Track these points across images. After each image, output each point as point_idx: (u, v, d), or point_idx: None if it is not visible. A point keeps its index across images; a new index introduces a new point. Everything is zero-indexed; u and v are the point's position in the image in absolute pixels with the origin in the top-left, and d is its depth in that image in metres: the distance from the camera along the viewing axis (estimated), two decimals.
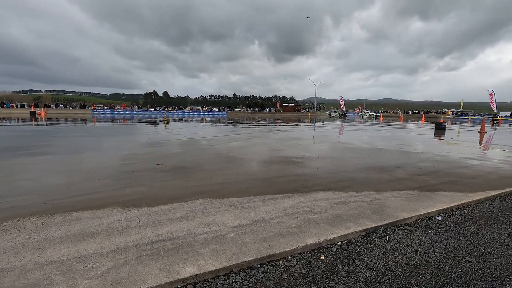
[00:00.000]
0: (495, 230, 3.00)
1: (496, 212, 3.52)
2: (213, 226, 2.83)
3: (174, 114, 50.38)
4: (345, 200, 3.71)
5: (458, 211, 3.53)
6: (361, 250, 2.54)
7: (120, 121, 25.24)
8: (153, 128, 17.60)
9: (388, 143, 10.75)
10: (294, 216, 3.14)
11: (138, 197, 3.76)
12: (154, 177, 4.87)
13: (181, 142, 10.04)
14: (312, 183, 4.60)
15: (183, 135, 12.82)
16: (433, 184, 4.62)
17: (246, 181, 4.67)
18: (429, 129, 19.15)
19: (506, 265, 2.32)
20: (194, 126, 19.54)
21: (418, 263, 2.33)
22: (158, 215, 3.13)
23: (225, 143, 9.96)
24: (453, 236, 2.84)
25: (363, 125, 23.79)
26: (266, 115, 55.64)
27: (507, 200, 4.00)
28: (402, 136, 14.15)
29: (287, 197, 3.84)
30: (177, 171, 5.41)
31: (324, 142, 10.71)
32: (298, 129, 18.38)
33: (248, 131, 15.57)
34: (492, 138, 13.58)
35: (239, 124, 23.43)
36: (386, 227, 3.00)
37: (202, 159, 6.72)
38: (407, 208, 3.44)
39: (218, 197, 3.81)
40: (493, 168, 6.03)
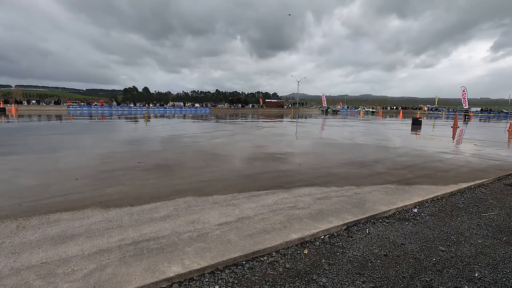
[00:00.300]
0: (465, 221, 3.19)
1: (467, 203, 3.74)
2: (198, 224, 2.83)
3: (155, 110, 49.24)
4: (327, 195, 3.81)
5: (432, 203, 3.71)
6: (343, 243, 2.63)
7: (98, 118, 24.38)
8: (133, 125, 17.14)
9: (368, 138, 11.07)
10: (278, 212, 3.19)
11: (120, 197, 3.68)
12: (136, 176, 4.77)
13: (163, 139, 9.86)
14: (295, 179, 4.68)
15: (165, 132, 12.58)
16: (410, 178, 4.83)
17: (230, 178, 4.67)
18: (406, 125, 19.88)
19: (475, 253, 2.48)
20: (176, 123, 19.22)
21: (396, 254, 2.45)
22: (141, 214, 3.08)
23: (208, 139, 9.89)
24: (428, 227, 3.00)
25: (344, 121, 24.34)
26: (249, 111, 55.61)
27: (476, 191, 4.25)
28: (381, 131, 14.61)
29: (271, 193, 3.88)
30: (160, 169, 5.32)
31: (306, 138, 10.87)
32: (281, 125, 18.51)
33: (231, 128, 15.52)
34: (464, 133, 14.32)
35: (222, 120, 23.28)
36: (366, 220, 3.11)
37: (185, 156, 6.64)
38: (386, 202, 3.58)
39: (202, 195, 3.80)
40: (464, 162, 6.37)
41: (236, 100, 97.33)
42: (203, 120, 23.05)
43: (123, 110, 47.94)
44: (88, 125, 17.02)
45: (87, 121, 19.94)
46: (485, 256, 2.42)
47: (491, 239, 2.75)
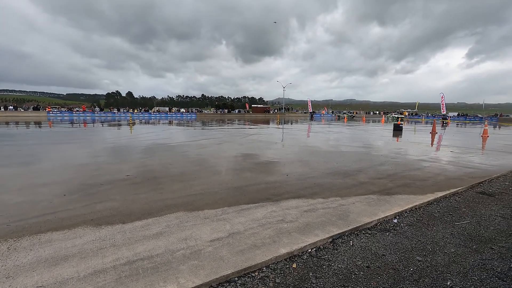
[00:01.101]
0: (440, 230, 3.44)
1: (442, 212, 4.02)
2: (190, 241, 2.93)
3: (139, 116, 48.50)
4: (313, 208, 3.99)
5: (411, 213, 3.96)
6: (329, 256, 2.79)
7: (80, 125, 23.81)
8: (118, 133, 16.88)
9: (351, 145, 11.44)
10: (267, 226, 3.33)
11: (110, 214, 3.71)
12: (125, 190, 4.79)
13: (149, 149, 9.82)
14: (283, 191, 4.84)
15: (151, 140, 12.50)
16: (391, 188, 5.10)
17: (220, 191, 4.78)
18: (388, 130, 20.57)
19: (449, 262, 2.71)
20: (162, 130, 19.08)
21: (377, 265, 2.64)
22: (134, 232, 3.15)
23: (196, 149, 9.94)
24: (406, 238, 3.22)
25: (329, 127, 24.89)
26: (236, 116, 55.75)
27: (451, 200, 4.56)
28: (364, 137, 15.09)
29: (260, 206, 4.02)
30: (149, 182, 5.35)
31: (293, 146, 11.11)
32: (267, 131, 18.74)
33: (218, 135, 15.59)
34: (442, 139, 15.01)
35: (209, 126, 23.29)
36: (350, 232, 3.31)
37: (173, 167, 6.69)
38: (368, 213, 3.80)
39: (193, 209, 3.89)
40: (441, 170, 6.75)
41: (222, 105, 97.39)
42: (189, 127, 22.97)
43: (107, 116, 46.97)
44: (70, 133, 16.61)
45: (69, 129, 19.44)
46: (457, 265, 2.65)
47: (462, 248, 2.99)
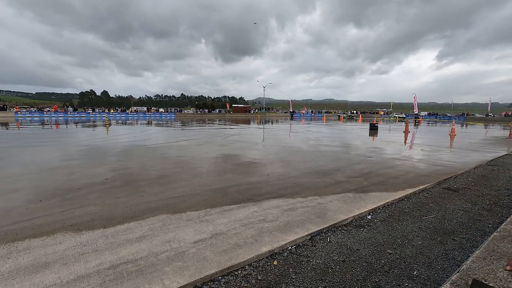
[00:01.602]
0: (409, 224, 3.72)
1: (412, 208, 4.32)
2: (174, 243, 2.98)
3: (116, 116, 47.01)
4: (293, 207, 4.15)
5: (384, 209, 4.23)
6: (307, 253, 2.96)
7: (52, 126, 22.74)
8: (94, 134, 16.33)
9: (330, 144, 11.81)
10: (249, 226, 3.45)
11: (91, 218, 3.68)
12: (105, 194, 4.73)
13: (128, 151, 9.63)
14: (264, 191, 4.98)
15: (130, 142, 12.24)
16: (366, 186, 5.38)
17: (202, 193, 4.84)
18: (364, 130, 21.36)
19: (416, 254, 2.96)
20: (140, 131, 18.66)
21: (352, 259, 2.83)
22: (116, 236, 3.15)
23: (176, 150, 9.87)
24: (379, 232, 3.46)
25: (308, 126, 25.42)
26: (216, 116, 55.42)
27: (420, 196, 4.90)
28: (342, 137, 15.60)
29: (242, 207, 4.13)
30: (129, 185, 5.30)
31: (273, 146, 11.30)
32: (248, 131, 18.86)
33: (199, 135, 15.50)
34: (414, 138, 15.81)
35: (189, 127, 23.05)
36: (328, 229, 3.49)
37: (153, 170, 6.64)
38: (344, 210, 4.02)
39: (176, 212, 3.93)
40: (412, 167, 7.18)
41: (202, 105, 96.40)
42: (169, 127, 22.62)
43: (81, 116, 45.12)
44: (41, 134, 15.86)
45: (40, 130, 18.53)
46: (423, 256, 2.90)
47: (428, 240, 3.26)
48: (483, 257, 1.09)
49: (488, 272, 1.00)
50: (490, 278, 0.95)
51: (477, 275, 0.98)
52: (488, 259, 1.08)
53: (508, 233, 1.31)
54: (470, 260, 1.08)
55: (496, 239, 1.26)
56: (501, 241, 1.23)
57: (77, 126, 23.05)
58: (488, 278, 0.95)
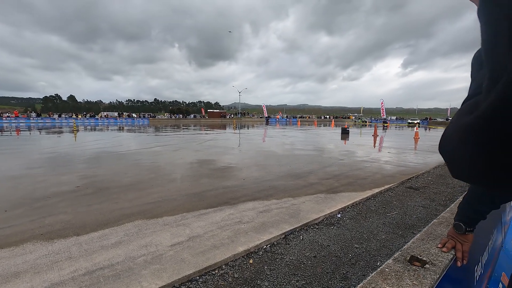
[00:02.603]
0: (375, 221, 4.01)
1: (377, 206, 4.65)
2: (151, 247, 3.01)
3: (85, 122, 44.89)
4: (268, 208, 4.32)
5: (352, 208, 4.52)
6: (282, 251, 3.12)
7: (12, 132, 21.29)
8: (61, 141, 15.54)
9: (304, 149, 12.19)
10: (226, 228, 3.56)
11: (62, 227, 3.59)
12: (76, 202, 4.60)
13: (99, 158, 9.33)
14: (240, 194, 5.10)
15: (100, 148, 11.83)
16: (336, 187, 5.68)
17: (178, 198, 4.86)
18: (336, 134, 22.21)
19: (380, 247, 3.23)
20: (112, 137, 18.04)
21: (322, 255, 3.03)
22: (90, 243, 3.12)
23: (151, 156, 9.71)
24: (347, 229, 3.71)
25: (283, 131, 25.94)
26: (191, 121, 54.74)
27: (385, 195, 5.27)
28: (315, 141, 16.14)
29: (218, 210, 4.22)
30: (102, 192, 5.19)
31: (249, 151, 11.46)
32: (224, 136, 18.90)
33: (174, 141, 15.31)
34: (382, 141, 16.73)
35: (163, 132, 22.62)
36: (301, 228, 3.69)
37: (127, 176, 6.52)
38: (316, 210, 4.24)
39: (152, 217, 3.93)
40: (379, 169, 7.65)
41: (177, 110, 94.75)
42: (142, 133, 22.05)
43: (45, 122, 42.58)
44: (2, 141, 14.82)
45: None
46: (386, 248, 3.17)
47: (391, 234, 3.56)
48: (422, 239, 1.30)
49: (424, 250, 1.20)
50: (424, 254, 1.16)
51: (414, 252, 1.18)
52: (426, 240, 1.29)
53: (444, 219, 1.55)
54: (410, 241, 1.28)
55: (434, 224, 1.48)
56: (438, 226, 1.46)
57: (41, 133, 21.78)
58: (423, 254, 1.16)
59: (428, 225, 1.50)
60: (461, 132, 0.42)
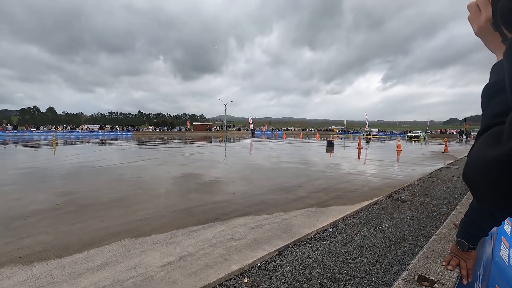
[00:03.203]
0: (366, 234, 4.03)
1: (368, 219, 4.69)
2: (140, 268, 2.88)
3: (65, 135, 43.37)
4: (260, 224, 4.26)
5: (343, 222, 4.53)
6: (276, 268, 3.05)
7: None
8: (39, 155, 14.87)
9: (291, 162, 12.25)
10: (218, 245, 3.46)
11: (43, 248, 3.37)
12: (58, 221, 4.37)
13: (81, 173, 8.97)
14: (230, 209, 5.02)
15: (82, 162, 11.40)
16: (326, 200, 5.71)
17: (166, 215, 4.71)
18: (322, 146, 22.53)
19: (373, 261, 3.23)
20: (93, 151, 17.47)
21: (317, 271, 2.99)
22: (74, 266, 2.94)
23: (135, 170, 9.44)
24: (340, 244, 3.70)
25: (269, 144, 26.05)
26: (176, 134, 54.06)
27: (374, 208, 5.33)
28: (302, 153, 16.28)
29: (209, 227, 4.12)
30: (85, 210, 4.96)
31: (236, 164, 11.39)
32: (210, 149, 18.74)
33: (159, 154, 15.00)
34: (366, 154, 17.10)
35: (148, 146, 22.17)
36: (294, 244, 3.64)
37: (112, 192, 6.28)
38: (308, 225, 4.22)
39: (140, 235, 3.78)
40: (365, 181, 7.78)
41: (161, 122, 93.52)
42: (126, 146, 21.50)
43: (22, 135, 40.82)
44: None
45: None
46: (379, 263, 3.18)
47: (383, 248, 3.58)
48: (425, 256, 1.31)
49: (430, 268, 1.21)
50: (431, 273, 1.16)
51: (421, 271, 1.18)
52: (429, 258, 1.30)
53: (443, 235, 1.57)
54: (415, 260, 1.29)
55: (435, 241, 1.50)
56: (438, 242, 1.47)
57: (18, 146, 20.80)
58: (430, 273, 1.16)
59: (429, 242, 1.51)
60: (489, 165, 0.43)
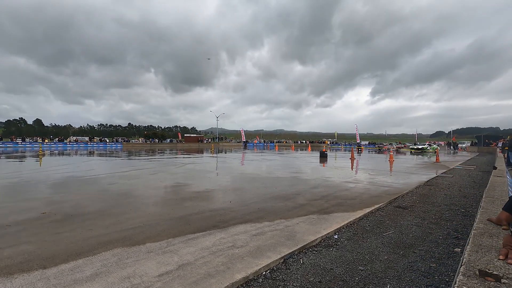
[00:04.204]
0: (373, 241, 3.85)
1: (372, 226, 4.52)
2: (135, 279, 2.60)
3: (51, 146, 42.20)
4: (261, 231, 4.03)
5: (347, 229, 4.35)
6: (283, 276, 2.83)
7: None
8: (23, 166, 14.26)
9: (286, 171, 12.09)
10: (219, 253, 3.22)
11: (25, 259, 3.06)
12: (43, 230, 4.03)
13: (70, 182, 8.56)
14: (229, 217, 4.77)
15: (70, 173, 10.94)
16: (327, 207, 5.53)
17: (161, 222, 4.43)
18: (315, 157, 22.49)
19: (385, 268, 3.04)
20: (82, 162, 16.92)
21: (327, 279, 2.78)
22: (60, 277, 2.64)
23: (127, 180, 9.08)
24: (348, 251, 3.50)
25: (262, 155, 25.88)
26: (168, 146, 53.36)
27: (376, 215, 5.18)
28: (296, 164, 16.15)
29: (207, 234, 3.87)
30: (73, 219, 4.63)
31: (231, 174, 11.15)
32: (203, 161, 18.43)
33: (151, 165, 14.61)
34: (359, 164, 17.11)
35: (139, 157, 21.65)
36: (299, 251, 3.43)
37: (102, 201, 5.95)
38: (312, 231, 4.02)
39: (133, 244, 3.50)
40: (364, 189, 7.65)
41: (152, 134, 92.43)
42: (116, 157, 20.94)
43: (6, 146, 39.47)
44: None
45: None
46: (392, 270, 2.99)
47: (393, 254, 3.40)
48: (475, 251, 1.16)
49: (487, 262, 1.05)
50: (491, 267, 1.00)
51: (479, 266, 1.02)
52: (480, 252, 1.15)
53: (483, 230, 1.44)
54: (466, 255, 1.13)
55: (476, 236, 1.35)
56: (481, 237, 1.33)
57: (1, 157, 19.99)
58: (490, 267, 1.00)
59: (470, 237, 1.36)
60: None
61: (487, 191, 3.39)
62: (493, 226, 1.52)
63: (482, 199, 2.33)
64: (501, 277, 0.94)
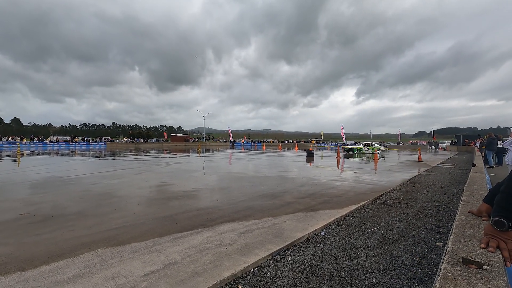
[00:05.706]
0: (359, 237, 3.92)
1: (358, 222, 4.59)
2: (119, 279, 2.54)
3: (31, 146, 40.61)
4: (249, 229, 4.02)
5: (334, 225, 4.40)
6: (271, 273, 2.83)
7: None
8: (1, 166, 13.65)
9: (273, 170, 12.13)
10: (206, 252, 3.18)
11: (2, 261, 2.92)
12: (21, 231, 3.87)
13: (50, 183, 8.26)
14: (216, 216, 4.74)
15: (50, 173, 10.56)
16: (314, 205, 5.58)
17: (147, 222, 4.35)
18: (302, 156, 22.69)
19: (371, 263, 3.09)
20: (63, 161, 16.37)
21: (315, 275, 2.80)
22: (40, 279, 2.54)
23: (110, 180, 8.85)
24: (334, 247, 3.54)
25: (249, 155, 25.88)
26: (153, 145, 52.41)
27: (362, 211, 5.27)
28: (283, 163, 16.24)
29: (195, 233, 3.82)
30: (54, 220, 4.46)
31: (218, 173, 11.08)
32: (190, 160, 18.22)
33: (136, 165, 14.31)
34: (345, 163, 17.40)
35: (123, 156, 21.16)
36: (287, 248, 3.44)
37: (84, 201, 5.77)
38: (300, 229, 4.05)
39: (117, 244, 3.41)
40: (350, 187, 7.78)
41: (137, 134, 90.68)
42: (99, 157, 20.38)
43: None
44: None
45: None
46: (377, 264, 3.05)
47: (378, 250, 3.47)
48: (458, 241, 1.19)
49: (469, 251, 1.09)
50: (473, 255, 1.03)
51: (462, 254, 1.05)
52: (463, 242, 1.18)
53: (464, 221, 1.48)
54: (450, 244, 1.17)
55: (458, 227, 1.40)
56: (463, 227, 1.37)
57: None
58: (472, 255, 1.03)
59: (452, 228, 1.40)
60: None
61: (467, 186, 3.52)
62: (474, 217, 1.57)
63: (463, 193, 2.41)
64: (483, 264, 0.97)
